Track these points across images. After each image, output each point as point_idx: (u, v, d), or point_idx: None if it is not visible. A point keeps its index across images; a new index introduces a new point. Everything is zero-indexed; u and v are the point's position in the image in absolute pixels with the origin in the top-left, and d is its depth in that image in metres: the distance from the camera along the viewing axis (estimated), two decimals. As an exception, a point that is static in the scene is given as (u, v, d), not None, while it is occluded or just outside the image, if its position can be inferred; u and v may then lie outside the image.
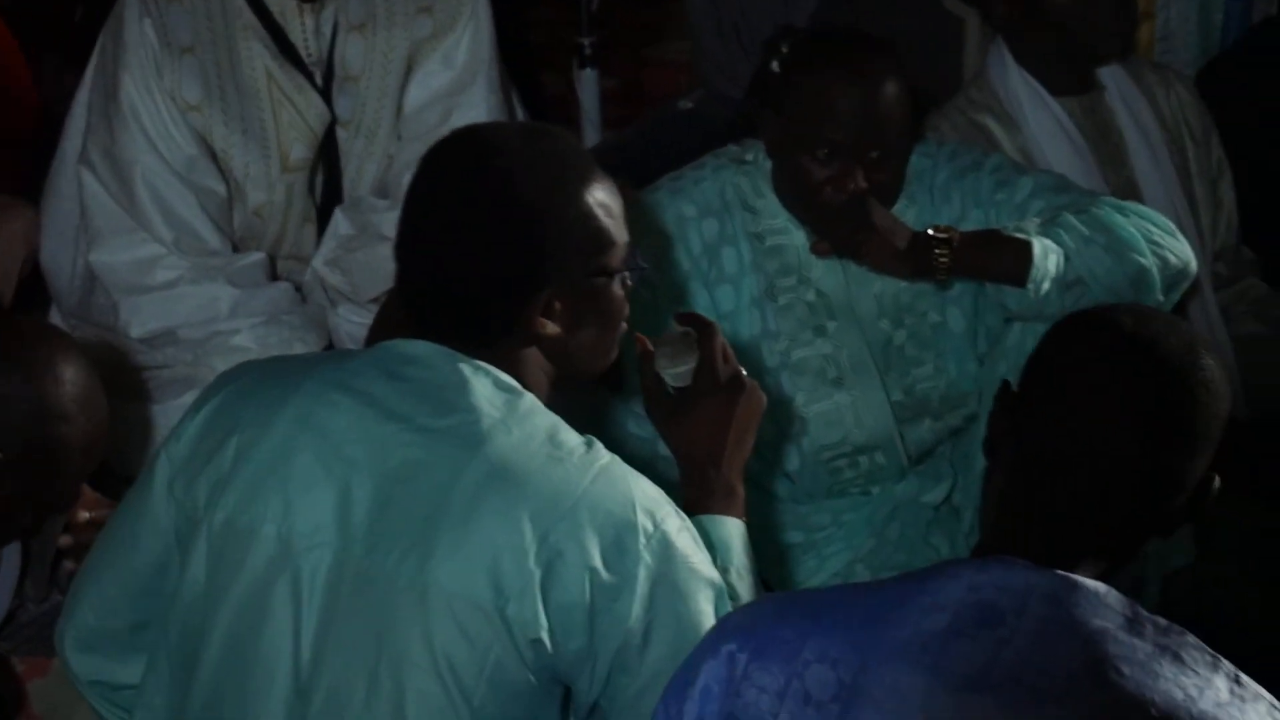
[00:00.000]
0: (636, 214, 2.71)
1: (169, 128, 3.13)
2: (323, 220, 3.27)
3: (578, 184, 2.03)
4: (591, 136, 4.00)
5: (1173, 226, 2.68)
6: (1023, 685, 1.67)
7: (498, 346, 2.02)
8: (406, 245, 2.06)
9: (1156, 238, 2.62)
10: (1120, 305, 2.02)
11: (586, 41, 4.04)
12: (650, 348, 2.24)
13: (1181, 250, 2.64)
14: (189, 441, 2.07)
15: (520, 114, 3.40)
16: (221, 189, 3.17)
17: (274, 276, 3.26)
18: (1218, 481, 1.81)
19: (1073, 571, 1.74)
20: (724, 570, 2.06)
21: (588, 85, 4.06)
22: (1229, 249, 3.36)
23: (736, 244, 2.75)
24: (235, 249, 3.22)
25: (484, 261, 2.00)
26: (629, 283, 2.10)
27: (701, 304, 2.72)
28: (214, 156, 3.16)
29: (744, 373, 2.22)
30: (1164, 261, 2.61)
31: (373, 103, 3.22)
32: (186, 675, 2.02)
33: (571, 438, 1.98)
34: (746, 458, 2.20)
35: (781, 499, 2.81)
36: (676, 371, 2.23)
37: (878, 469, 2.79)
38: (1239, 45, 3.70)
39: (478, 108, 3.23)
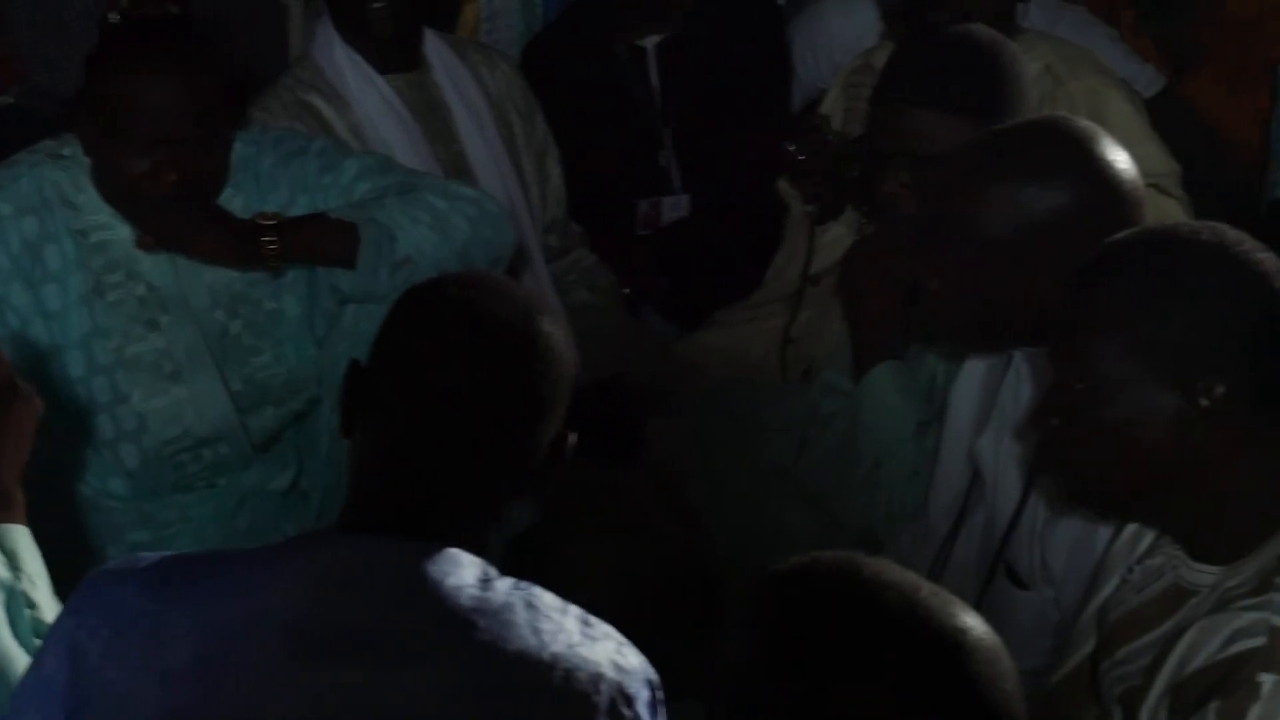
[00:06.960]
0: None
1: None
2: None
3: None
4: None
5: (490, 203, 2.77)
6: (386, 650, 1.71)
7: None
8: None
9: (473, 215, 2.70)
10: (451, 276, 2.07)
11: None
12: None
13: (500, 225, 2.74)
14: None
15: None
16: None
17: None
18: (574, 438, 1.89)
19: (434, 541, 1.78)
20: (18, 577, 2.01)
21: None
22: (559, 222, 3.47)
23: (59, 241, 2.67)
24: None
25: None
26: None
27: (25, 303, 2.65)
28: None
29: (18, 380, 2.16)
30: (484, 238, 2.70)
31: None
32: None
33: None
34: (22, 465, 2.14)
35: (124, 498, 2.75)
36: None
37: (222, 459, 2.77)
38: (557, 23, 3.83)
39: None
